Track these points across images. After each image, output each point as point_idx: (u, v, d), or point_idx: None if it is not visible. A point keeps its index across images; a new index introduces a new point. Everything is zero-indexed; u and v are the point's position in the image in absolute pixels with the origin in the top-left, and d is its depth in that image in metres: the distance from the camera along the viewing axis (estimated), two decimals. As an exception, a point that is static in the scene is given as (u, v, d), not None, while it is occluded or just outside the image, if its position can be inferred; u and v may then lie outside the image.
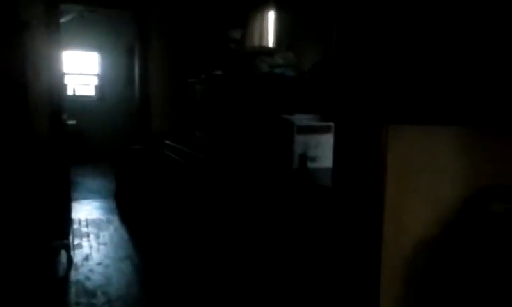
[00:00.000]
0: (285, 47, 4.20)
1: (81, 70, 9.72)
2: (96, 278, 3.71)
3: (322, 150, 2.81)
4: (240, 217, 3.10)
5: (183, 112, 5.67)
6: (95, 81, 9.82)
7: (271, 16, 4.65)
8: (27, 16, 5.17)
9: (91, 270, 3.86)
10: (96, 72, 9.78)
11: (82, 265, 3.99)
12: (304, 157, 2.73)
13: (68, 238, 4.39)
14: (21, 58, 5.02)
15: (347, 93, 2.27)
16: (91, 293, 3.43)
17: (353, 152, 2.11)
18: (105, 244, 4.52)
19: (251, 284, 2.96)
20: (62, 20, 5.72)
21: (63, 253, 4.15)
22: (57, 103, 5.62)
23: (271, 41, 4.64)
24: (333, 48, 2.72)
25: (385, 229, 1.75)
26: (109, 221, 5.29)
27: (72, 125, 8.26)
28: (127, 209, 5.71)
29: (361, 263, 1.86)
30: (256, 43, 4.80)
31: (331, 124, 2.79)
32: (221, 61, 4.79)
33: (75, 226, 5.09)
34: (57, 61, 5.53)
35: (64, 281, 3.70)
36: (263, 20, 4.76)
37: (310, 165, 2.73)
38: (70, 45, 8.57)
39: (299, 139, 2.76)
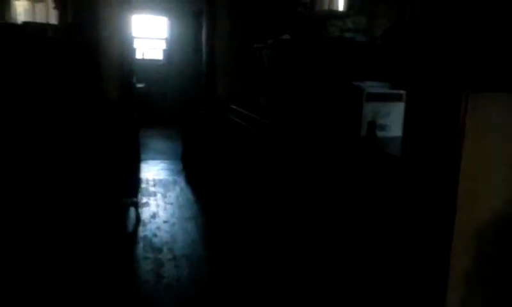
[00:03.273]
0: (356, 10, 4.05)
1: (150, 34, 9.92)
2: (163, 235, 3.85)
3: (392, 118, 2.71)
4: (305, 183, 3.08)
5: (249, 77, 5.66)
6: (163, 45, 10.00)
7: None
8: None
9: (158, 228, 4.01)
10: (165, 36, 9.95)
11: (150, 222, 4.16)
12: (373, 125, 2.65)
13: (136, 197, 4.57)
14: (92, 23, 5.17)
15: (423, 60, 2.16)
16: (158, 249, 3.57)
17: (428, 121, 2.02)
18: (171, 204, 4.67)
19: (314, 249, 2.96)
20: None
21: (132, 210, 4.33)
22: (127, 67, 5.79)
23: (341, 5, 4.48)
24: (409, 12, 2.58)
25: (460, 199, 1.67)
26: (175, 182, 5.45)
27: (140, 88, 8.51)
28: (193, 171, 5.85)
29: (432, 232, 1.80)
30: (326, 6, 4.66)
31: (403, 92, 2.68)
32: (289, 25, 4.70)
33: (143, 185, 5.29)
34: (127, 25, 5.66)
35: (132, 236, 3.88)
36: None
37: (379, 133, 2.65)
38: (139, 9, 8.74)
39: (369, 106, 2.68)
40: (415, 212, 1.90)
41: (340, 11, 4.39)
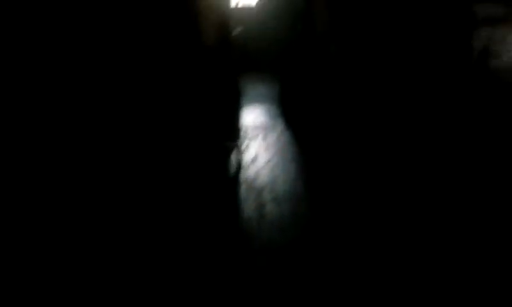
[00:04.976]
0: None
1: (245, -22, 9.81)
2: (263, 178, 3.92)
3: (506, 46, 2.43)
4: (410, 116, 2.92)
5: (346, 10, 5.39)
6: (257, -12, 9.86)
7: None
8: None
9: (258, 171, 4.09)
10: (259, -21, 9.78)
11: (250, 165, 4.24)
12: (486, 53, 2.40)
13: (237, 140, 4.66)
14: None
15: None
16: (259, 191, 3.65)
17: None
18: (271, 147, 4.71)
19: (416, 192, 2.83)
20: None
21: (234, 154, 4.45)
22: (223, 14, 5.80)
23: None
24: None
25: None
26: (274, 125, 5.48)
27: (237, 34, 8.54)
28: (292, 114, 5.83)
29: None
30: None
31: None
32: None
33: (243, 129, 5.38)
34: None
35: (234, 179, 3.99)
36: None
37: (493, 62, 2.40)
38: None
39: (482, 31, 2.42)
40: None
41: None
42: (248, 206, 3.41)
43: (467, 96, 2.27)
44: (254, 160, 4.37)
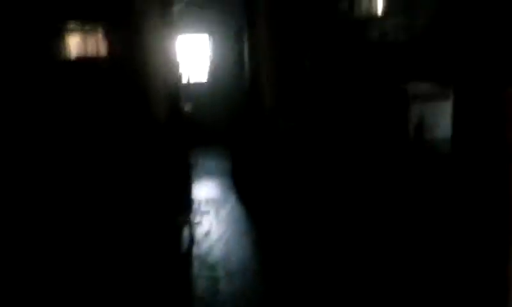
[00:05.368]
0: (395, 11, 3.96)
1: (194, 54, 10.12)
2: (216, 253, 3.88)
3: (439, 118, 2.62)
4: (355, 191, 3.02)
5: (293, 88, 5.64)
6: (207, 64, 10.17)
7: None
8: (143, 7, 5.46)
9: (211, 246, 4.05)
10: (208, 55, 10.12)
11: (203, 240, 4.20)
12: (420, 126, 2.57)
13: (190, 216, 4.64)
14: (139, 48, 5.33)
15: (467, 53, 2.07)
16: (212, 267, 3.60)
17: (476, 117, 1.94)
18: (223, 221, 4.71)
19: (369, 253, 2.89)
20: (174, 6, 5.98)
21: (186, 230, 4.40)
22: (174, 89, 5.93)
23: (380, 6, 4.41)
24: (449, 7, 2.50)
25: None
26: (226, 199, 5.50)
27: (187, 109, 8.68)
28: (243, 186, 5.88)
29: (486, 229, 1.71)
30: (364, 10, 4.59)
31: (449, 90, 2.58)
32: (329, 32, 4.67)
33: (196, 204, 5.36)
34: (172, 47, 5.80)
35: (187, 255, 3.93)
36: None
37: (427, 135, 2.56)
38: (181, 30, 8.94)
39: (415, 108, 2.60)
40: (469, 211, 1.82)
41: (379, 13, 4.31)
42: (201, 283, 3.36)
43: (404, 166, 2.40)
44: (207, 235, 4.34)
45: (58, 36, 4.83)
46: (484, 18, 1.79)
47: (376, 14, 4.29)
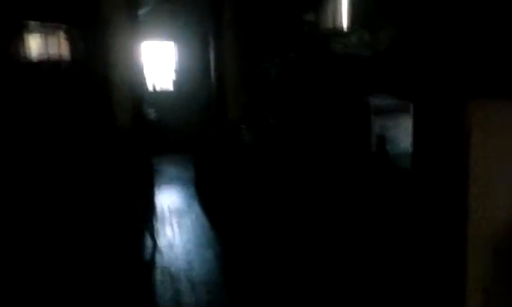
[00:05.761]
0: (359, 26, 4.06)
1: (159, 62, 10.04)
2: (180, 263, 3.84)
3: (401, 132, 2.69)
4: (317, 202, 3.06)
5: (258, 98, 5.68)
6: (172, 72, 10.11)
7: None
8: (109, 11, 5.40)
9: (174, 255, 4.01)
10: (174, 63, 10.06)
11: (166, 250, 4.15)
12: (382, 139, 2.63)
13: (152, 224, 4.57)
14: (103, 52, 5.25)
15: (426, 69, 2.14)
16: (175, 278, 3.56)
17: (435, 131, 2.00)
18: (187, 231, 4.67)
19: (329, 270, 2.93)
20: (140, 12, 5.92)
21: (149, 238, 4.34)
22: (138, 96, 5.86)
23: (345, 22, 4.50)
24: (411, 23, 2.58)
25: (470, 204, 1.65)
26: (189, 208, 5.45)
27: (151, 116, 8.59)
28: (207, 196, 5.86)
29: (445, 242, 1.77)
30: (330, 24, 4.68)
31: (409, 104, 2.66)
32: (295, 44, 4.73)
33: (158, 213, 5.30)
34: (137, 53, 5.74)
35: (150, 264, 3.88)
36: (336, 1, 4.63)
37: (389, 147, 2.63)
38: (147, 36, 8.87)
39: (377, 120, 2.67)
40: (428, 222, 1.87)
41: (344, 28, 4.41)
42: (164, 293, 3.31)
43: (366, 177, 2.45)
44: (170, 245, 4.29)
45: (19, 35, 4.72)
46: (445, 34, 1.85)
47: (341, 28, 4.38)
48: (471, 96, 1.67)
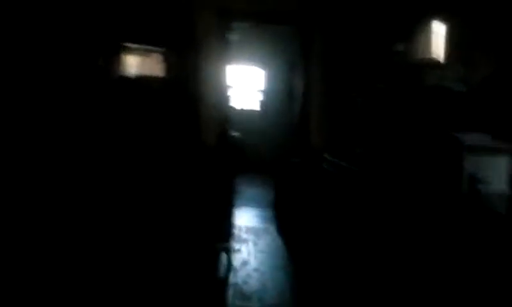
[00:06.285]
0: (453, 59, 3.93)
1: (248, 84, 10.31)
2: (253, 283, 3.87)
3: (495, 173, 2.55)
4: (402, 240, 2.96)
5: (342, 126, 5.64)
6: (260, 96, 10.32)
7: (438, 27, 4.39)
8: (202, 35, 5.68)
9: (248, 275, 4.05)
10: (261, 87, 10.28)
11: (241, 269, 4.20)
12: (474, 179, 2.51)
13: (229, 243, 4.66)
14: (195, 74, 5.52)
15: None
16: (247, 297, 3.59)
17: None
18: (262, 252, 4.70)
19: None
20: (230, 37, 6.15)
21: (224, 256, 4.42)
22: (224, 116, 6.06)
23: (437, 54, 4.38)
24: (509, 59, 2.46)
25: None
26: (267, 230, 5.50)
27: (236, 136, 8.80)
28: (285, 219, 5.87)
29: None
30: (421, 55, 4.57)
31: (506, 144, 2.53)
32: (384, 74, 4.66)
33: (236, 231, 5.38)
34: (225, 76, 5.96)
35: (224, 282, 3.94)
36: (429, 31, 4.51)
37: (481, 188, 2.49)
38: (236, 60, 9.16)
39: (470, 159, 2.55)
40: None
41: (437, 60, 4.28)
42: (236, 313, 3.35)
43: (458, 221, 2.33)
44: (244, 264, 4.34)
45: (120, 55, 5.11)
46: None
47: (434, 60, 4.26)
48: None
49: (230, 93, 6.33)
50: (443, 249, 2.42)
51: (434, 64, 4.06)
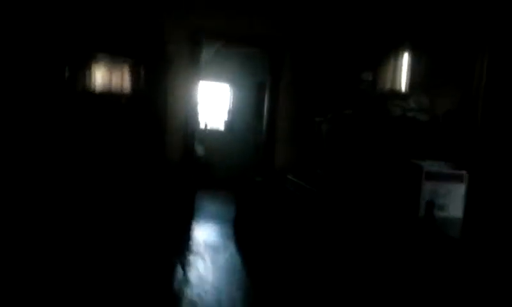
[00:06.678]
0: (418, 90, 4.06)
1: (214, 102, 10.32)
2: (208, 298, 3.81)
3: (452, 199, 2.63)
4: (357, 261, 3.00)
5: (306, 149, 5.72)
6: (225, 114, 10.34)
7: (405, 58, 4.54)
8: (173, 51, 5.69)
9: (204, 290, 3.99)
10: (228, 105, 10.31)
11: (197, 284, 4.14)
12: (431, 205, 2.58)
13: (186, 257, 4.59)
14: (162, 88, 5.52)
15: (485, 140, 2.11)
16: (202, 314, 3.53)
17: (490, 204, 1.95)
18: (220, 267, 4.65)
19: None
20: (202, 55, 6.17)
21: (180, 270, 4.34)
22: (190, 133, 6.04)
23: (403, 84, 4.52)
24: (473, 93, 2.56)
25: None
26: (226, 246, 5.45)
27: (201, 153, 8.77)
28: (244, 237, 5.84)
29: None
30: (387, 85, 4.71)
31: (464, 172, 2.61)
32: (350, 101, 4.77)
33: (194, 246, 5.32)
34: (193, 92, 5.97)
35: (178, 296, 3.87)
36: (396, 63, 4.67)
37: (437, 213, 2.57)
38: (205, 78, 9.16)
39: (428, 185, 2.62)
40: (477, 296, 1.79)
41: (402, 90, 4.42)
42: (189, 329, 3.29)
43: (414, 244, 2.39)
44: (201, 279, 4.28)
45: (88, 64, 5.07)
46: (506, 106, 1.84)
47: (399, 90, 4.40)
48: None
49: (198, 110, 6.34)
50: (398, 268, 2.46)
51: (400, 93, 4.19)
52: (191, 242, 5.31)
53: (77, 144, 4.96)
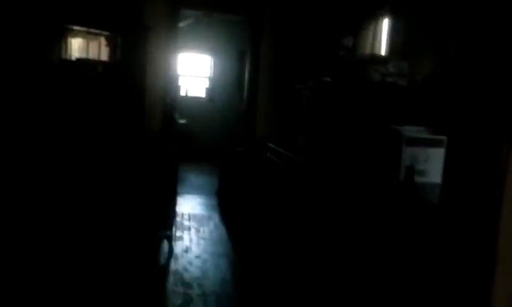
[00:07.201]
0: (397, 55, 4.04)
1: (194, 72, 10.19)
2: (194, 270, 3.84)
3: (431, 164, 2.65)
4: (340, 226, 3.03)
5: (287, 117, 5.69)
6: (206, 84, 10.23)
7: (384, 23, 4.51)
8: (151, 21, 5.55)
9: (189, 263, 4.01)
10: (208, 75, 10.19)
11: (182, 256, 4.16)
12: (411, 170, 2.59)
13: (170, 230, 4.59)
14: (141, 59, 5.40)
15: (465, 106, 2.11)
16: (188, 284, 3.55)
17: (468, 169, 1.96)
18: (204, 239, 4.67)
19: (349, 291, 2.88)
20: (180, 24, 6.05)
21: (165, 243, 4.35)
22: (170, 103, 5.96)
23: (383, 49, 4.49)
24: (451, 57, 2.55)
25: (500, 245, 1.59)
26: (210, 217, 5.47)
27: (182, 123, 8.69)
28: (228, 207, 5.86)
29: (471, 281, 1.71)
30: (367, 50, 4.68)
31: (443, 138, 2.62)
32: (330, 68, 4.73)
33: (178, 219, 5.32)
34: (173, 63, 5.86)
35: (164, 269, 3.88)
36: (376, 28, 4.63)
37: (417, 179, 2.58)
38: (184, 48, 9.02)
39: (408, 151, 2.63)
40: (454, 260, 1.82)
41: (382, 56, 4.39)
42: (175, 300, 3.31)
43: (394, 210, 2.41)
44: (186, 251, 4.30)
45: (63, 38, 4.93)
46: (485, 75, 1.83)
47: (379, 56, 4.37)
48: (508, 137, 1.63)
49: (178, 80, 6.24)
50: (379, 235, 2.49)
51: (379, 59, 4.16)
52: (174, 215, 5.31)
53: (54, 116, 4.86)
